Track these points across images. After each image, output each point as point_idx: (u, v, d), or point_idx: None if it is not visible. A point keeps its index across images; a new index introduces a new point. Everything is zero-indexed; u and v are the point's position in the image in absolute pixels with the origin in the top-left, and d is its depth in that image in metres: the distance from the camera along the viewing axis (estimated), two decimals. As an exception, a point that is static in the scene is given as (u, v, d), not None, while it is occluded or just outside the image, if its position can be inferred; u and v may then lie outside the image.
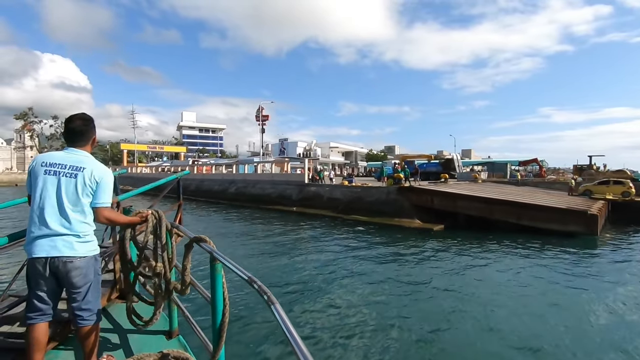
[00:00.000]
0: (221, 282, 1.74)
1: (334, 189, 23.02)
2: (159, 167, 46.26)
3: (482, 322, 6.73)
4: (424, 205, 18.72)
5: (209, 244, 1.84)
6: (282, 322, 1.05)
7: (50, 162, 1.96)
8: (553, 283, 9.28)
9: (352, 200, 21.16)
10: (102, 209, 2.01)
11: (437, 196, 18.33)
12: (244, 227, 18.35)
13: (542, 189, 26.70)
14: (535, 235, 14.80)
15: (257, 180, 29.79)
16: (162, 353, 2.05)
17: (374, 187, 21.24)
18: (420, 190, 19.24)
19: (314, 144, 70.26)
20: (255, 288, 1.32)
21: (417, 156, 41.72)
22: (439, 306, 7.51)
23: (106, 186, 2.03)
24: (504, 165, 43.16)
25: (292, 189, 25.72)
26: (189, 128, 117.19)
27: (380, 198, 20.02)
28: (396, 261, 11.62)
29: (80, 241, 1.95)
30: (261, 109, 51.74)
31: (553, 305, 7.75)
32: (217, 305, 1.74)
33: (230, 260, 1.61)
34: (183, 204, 4.30)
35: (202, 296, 2.11)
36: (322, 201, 22.78)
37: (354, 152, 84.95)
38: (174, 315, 2.64)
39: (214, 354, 1.75)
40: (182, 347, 2.42)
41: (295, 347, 0.92)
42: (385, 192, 20.21)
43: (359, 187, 22.05)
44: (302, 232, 16.89)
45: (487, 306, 7.52)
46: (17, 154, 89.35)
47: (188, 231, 2.27)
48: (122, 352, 2.33)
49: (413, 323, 6.59)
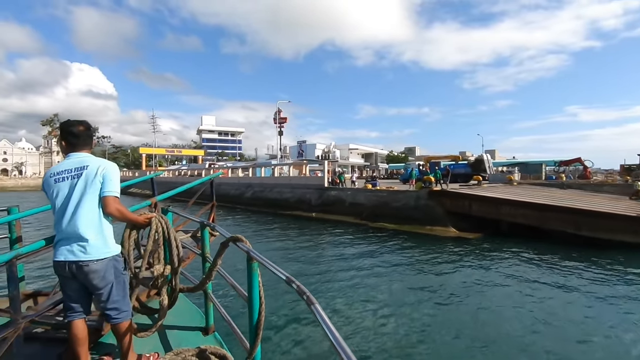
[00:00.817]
0: (257, 281, 1.74)
1: (357, 193, 21.13)
2: (176, 170, 45.71)
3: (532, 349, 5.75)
4: (459, 211, 16.58)
5: (245, 243, 1.84)
6: (323, 322, 1.04)
7: (58, 171, 2.03)
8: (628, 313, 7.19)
9: (377, 206, 19.22)
10: (110, 198, 2.00)
11: (477, 201, 16.14)
12: (260, 234, 16.77)
13: (589, 192, 23.84)
14: (598, 249, 12.45)
15: (275, 183, 28.27)
16: (199, 348, 2.10)
17: (401, 191, 19.23)
18: (456, 194, 17.09)
19: (332, 146, 68.57)
20: (294, 288, 1.32)
21: (443, 157, 39.24)
22: (482, 326, 6.63)
23: (113, 177, 2.04)
24: (539, 165, 39.96)
25: (311, 193, 24.02)
26: (208, 132, 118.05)
27: (409, 203, 18.00)
28: (434, 275, 10.03)
29: (95, 244, 1.97)
30: (279, 112, 50.61)
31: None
32: (253, 303, 1.74)
33: (267, 259, 1.62)
34: (216, 205, 4.56)
35: (237, 294, 2.10)
36: (343, 206, 20.95)
37: (374, 154, 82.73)
38: (210, 312, 2.70)
39: (251, 351, 1.74)
40: (218, 344, 2.48)
41: (337, 347, 0.91)
42: (414, 196, 18.17)
43: (385, 191, 20.08)
44: (325, 241, 15.17)
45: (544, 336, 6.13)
46: (44, 159, 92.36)
47: (224, 230, 2.28)
48: (161, 346, 2.43)
49: (450, 342, 5.96)
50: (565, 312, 7.32)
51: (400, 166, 66.03)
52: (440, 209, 16.95)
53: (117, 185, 2.07)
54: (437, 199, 17.32)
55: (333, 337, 0.95)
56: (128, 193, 45.18)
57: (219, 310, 2.56)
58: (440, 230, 15.96)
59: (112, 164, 2.11)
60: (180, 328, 2.70)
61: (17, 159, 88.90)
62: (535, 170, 39.16)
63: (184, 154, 69.45)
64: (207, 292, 2.64)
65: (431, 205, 17.23)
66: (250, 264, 1.73)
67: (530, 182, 31.57)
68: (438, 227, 16.19)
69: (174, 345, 2.44)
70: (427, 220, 16.70)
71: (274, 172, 30.46)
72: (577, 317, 7.07)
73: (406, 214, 17.64)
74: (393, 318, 6.90)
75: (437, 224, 16.37)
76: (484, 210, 15.96)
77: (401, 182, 31.97)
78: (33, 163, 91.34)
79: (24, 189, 60.91)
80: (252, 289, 1.75)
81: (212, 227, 2.70)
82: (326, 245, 14.37)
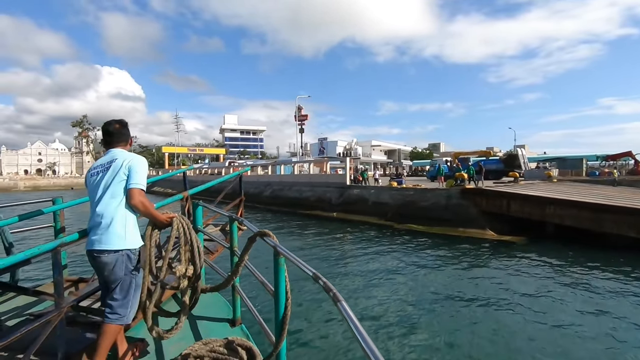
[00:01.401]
0: (284, 276, 1.75)
1: (381, 192, 19.75)
2: (197, 169, 45.74)
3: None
4: (496, 211, 14.91)
5: (272, 238, 1.84)
6: (350, 319, 1.04)
7: (94, 167, 2.17)
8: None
9: (403, 205, 17.79)
10: (135, 190, 2.01)
11: (517, 200, 14.41)
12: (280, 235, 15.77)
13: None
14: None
15: (294, 182, 27.28)
16: (227, 339, 2.14)
17: (429, 190, 17.69)
18: (493, 193, 15.40)
19: (354, 143, 67.01)
20: (320, 284, 1.32)
21: (472, 153, 36.94)
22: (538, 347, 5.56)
23: (139, 170, 2.05)
24: (578, 160, 36.81)
25: (331, 191, 22.84)
26: (230, 131, 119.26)
27: (439, 203, 16.46)
28: (474, 281, 8.82)
29: (112, 235, 1.97)
30: (299, 109, 49.73)
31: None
32: (279, 298, 1.75)
33: (294, 255, 1.62)
34: (244, 200, 4.89)
35: (264, 288, 2.06)
36: (366, 206, 19.64)
37: (396, 151, 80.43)
38: (237, 305, 2.77)
39: (277, 345, 1.75)
40: (245, 336, 2.54)
41: (363, 345, 0.91)
42: (444, 195, 16.61)
43: (412, 189, 18.60)
44: (346, 242, 14.01)
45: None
46: (76, 159, 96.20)
47: (252, 225, 2.30)
48: (191, 336, 2.54)
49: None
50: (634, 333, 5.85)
51: (424, 163, 63.63)
52: (474, 209, 15.33)
53: (143, 178, 2.06)
54: (471, 198, 15.70)
55: (360, 335, 0.95)
56: (152, 192, 45.72)
57: (245, 304, 2.57)
58: (476, 232, 14.37)
59: (139, 157, 2.11)
60: (208, 319, 2.81)
61: (51, 160, 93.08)
62: (574, 165, 36.09)
63: (206, 153, 69.86)
64: (234, 285, 2.67)
65: (464, 204, 15.63)
66: (277, 259, 1.74)
67: (572, 179, 29.02)
68: (472, 229, 14.60)
69: (203, 335, 2.52)
70: (460, 222, 15.15)
71: (294, 169, 29.47)
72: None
73: (436, 214, 16.13)
74: (425, 327, 6.20)
75: (471, 226, 14.78)
76: (527, 210, 14.21)
77: (428, 179, 30.21)
78: (65, 163, 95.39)
79: (56, 188, 63.26)
80: (278, 283, 1.75)
81: (240, 221, 2.74)
82: (347, 247, 13.20)
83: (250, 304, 2.52)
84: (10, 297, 3.19)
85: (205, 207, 3.47)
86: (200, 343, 2.12)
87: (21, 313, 2.90)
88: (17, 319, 2.74)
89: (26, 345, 1.83)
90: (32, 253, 1.90)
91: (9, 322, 2.67)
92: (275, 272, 1.74)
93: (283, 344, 1.76)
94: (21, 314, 2.88)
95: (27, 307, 3.01)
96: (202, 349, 2.06)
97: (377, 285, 8.52)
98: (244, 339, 2.18)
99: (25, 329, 1.81)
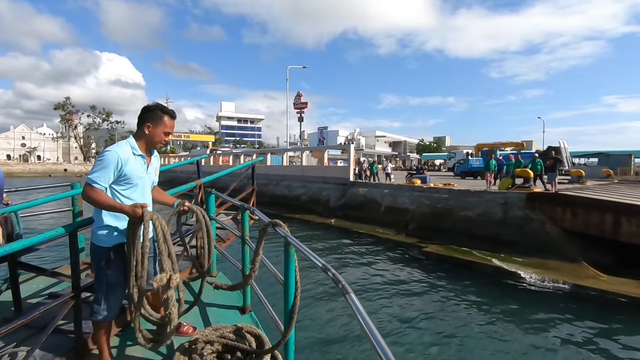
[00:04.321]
0: (294, 266, 1.75)
1: (399, 193, 14.08)
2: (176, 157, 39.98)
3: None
4: (593, 233, 9.27)
5: (283, 228, 1.85)
6: (358, 311, 1.04)
7: None
8: None
9: (432, 214, 12.17)
10: (85, 185, 1.88)
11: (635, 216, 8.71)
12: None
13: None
14: None
15: (283, 175, 21.56)
16: (236, 326, 2.13)
17: (473, 193, 12.00)
18: (585, 202, 9.68)
19: (357, 133, 61.13)
20: (329, 276, 1.32)
21: (500, 144, 31.13)
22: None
23: (96, 162, 1.89)
24: (626, 156, 30.98)
25: (330, 189, 17.21)
26: (227, 119, 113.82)
27: (492, 213, 10.82)
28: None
29: (94, 227, 1.95)
30: (299, 96, 43.99)
31: None
32: (289, 287, 1.75)
33: (303, 246, 1.63)
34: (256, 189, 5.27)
35: (274, 277, 2.11)
36: (377, 212, 14.02)
37: (402, 142, 74.59)
38: (248, 293, 2.80)
39: (285, 333, 1.75)
40: (254, 323, 2.53)
41: (370, 336, 0.92)
42: (499, 201, 10.95)
43: (444, 190, 12.91)
44: (346, 271, 8.36)
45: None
46: (63, 144, 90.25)
47: (263, 215, 2.28)
48: (201, 321, 2.56)
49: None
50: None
51: (434, 156, 57.83)
52: (552, 228, 9.69)
53: (96, 169, 1.85)
54: (544, 209, 10.04)
55: (367, 326, 0.96)
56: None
57: (255, 292, 2.61)
58: (563, 266, 8.73)
59: (104, 150, 1.91)
60: (218, 306, 2.82)
61: (36, 144, 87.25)
62: (619, 162, 30.24)
63: (192, 140, 63.81)
64: (245, 274, 2.65)
65: (535, 219, 9.98)
66: (288, 249, 1.73)
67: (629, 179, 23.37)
68: (553, 261, 8.98)
69: (212, 321, 2.54)
70: (530, 247, 9.52)
71: (283, 160, 23.73)
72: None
73: (488, 231, 10.51)
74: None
75: (550, 254, 9.14)
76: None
77: (458, 176, 24.31)
78: (50, 148, 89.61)
79: (31, 175, 57.41)
80: (288, 273, 1.75)
81: (251, 210, 2.74)
82: (347, 281, 7.61)
83: (260, 292, 2.54)
84: (29, 277, 3.27)
85: (218, 196, 3.46)
86: (210, 329, 2.10)
87: (39, 293, 2.99)
88: (36, 299, 2.82)
89: (44, 324, 1.93)
90: (50, 235, 1.92)
91: (29, 301, 2.72)
92: (286, 262, 1.75)
93: (292, 333, 1.76)
94: (39, 294, 2.97)
95: (46, 288, 3.08)
96: (212, 334, 2.03)
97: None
98: (253, 327, 2.19)
99: (43, 308, 1.88)
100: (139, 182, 1.97)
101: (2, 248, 1.70)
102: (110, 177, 1.85)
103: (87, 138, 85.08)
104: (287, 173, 21.68)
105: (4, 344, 2.02)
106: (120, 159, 1.86)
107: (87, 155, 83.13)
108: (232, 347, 1.97)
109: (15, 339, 2.04)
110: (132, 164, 1.91)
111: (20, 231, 3.25)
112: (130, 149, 1.94)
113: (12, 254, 2.07)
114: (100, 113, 77.85)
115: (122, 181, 1.91)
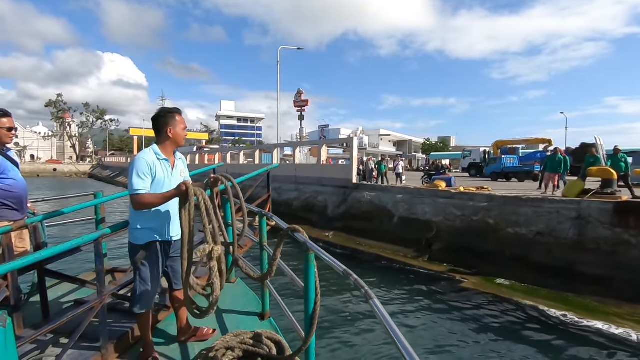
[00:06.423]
0: (314, 272, 1.73)
1: (416, 199, 10.65)
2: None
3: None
4: None
5: (302, 234, 1.84)
6: (383, 316, 1.03)
7: None
8: None
9: (465, 230, 8.76)
10: (130, 197, 2.00)
11: None
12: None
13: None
14: None
15: (273, 175, 18.16)
16: (256, 332, 2.12)
17: (525, 200, 8.54)
18: None
19: (360, 131, 57.81)
20: (351, 281, 1.31)
21: (524, 141, 27.52)
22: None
23: (131, 173, 2.01)
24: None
25: (328, 193, 13.83)
26: (227, 118, 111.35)
27: (559, 230, 7.40)
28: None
29: (130, 227, 2.13)
30: (299, 93, 40.96)
31: None
32: (309, 293, 1.73)
33: (324, 251, 1.61)
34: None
35: (293, 283, 2.08)
36: (388, 224, 10.62)
37: (407, 142, 71.24)
38: (267, 299, 2.77)
39: (306, 339, 1.73)
40: (273, 329, 2.50)
41: (397, 343, 0.90)
42: (569, 213, 7.52)
43: (481, 195, 9.45)
44: (326, 316, 5.15)
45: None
46: (57, 143, 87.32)
47: (281, 221, 2.32)
48: (220, 328, 2.55)
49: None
50: None
51: (443, 156, 54.19)
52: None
53: (132, 179, 1.98)
54: (648, 227, 6.61)
55: (394, 332, 0.94)
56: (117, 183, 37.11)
57: (274, 298, 2.55)
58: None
59: (134, 158, 2.05)
60: (238, 312, 2.81)
61: (29, 143, 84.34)
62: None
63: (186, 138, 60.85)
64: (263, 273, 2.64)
65: (634, 242, 6.56)
66: (307, 255, 1.72)
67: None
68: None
69: (231, 328, 2.53)
70: (631, 285, 6.11)
71: (273, 158, 20.35)
72: None
73: (553, 254, 7.10)
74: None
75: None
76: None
77: (489, 178, 20.49)
78: (44, 148, 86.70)
79: (17, 175, 54.38)
80: (308, 279, 1.73)
81: (269, 217, 2.79)
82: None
83: (280, 298, 2.49)
84: (55, 283, 3.24)
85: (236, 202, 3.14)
86: (230, 335, 2.11)
87: (66, 299, 3.00)
88: (63, 306, 2.84)
89: (71, 330, 1.96)
90: (77, 243, 1.97)
91: (55, 308, 2.72)
92: (306, 268, 1.73)
93: (312, 339, 1.73)
94: (66, 300, 2.99)
95: (71, 295, 3.08)
96: (233, 340, 2.04)
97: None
98: (273, 333, 2.18)
99: (70, 314, 1.92)
100: (166, 182, 2.09)
101: (32, 256, 1.72)
102: (146, 179, 2.00)
103: (82, 137, 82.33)
104: (277, 174, 18.27)
105: (32, 349, 2.08)
106: (147, 163, 2.03)
107: (80, 155, 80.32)
108: (253, 353, 1.98)
109: (43, 345, 2.14)
110: (158, 167, 2.07)
111: (45, 239, 3.23)
112: (154, 155, 2.09)
113: (40, 262, 2.15)
114: (94, 111, 75.05)
115: (152, 183, 2.04)
